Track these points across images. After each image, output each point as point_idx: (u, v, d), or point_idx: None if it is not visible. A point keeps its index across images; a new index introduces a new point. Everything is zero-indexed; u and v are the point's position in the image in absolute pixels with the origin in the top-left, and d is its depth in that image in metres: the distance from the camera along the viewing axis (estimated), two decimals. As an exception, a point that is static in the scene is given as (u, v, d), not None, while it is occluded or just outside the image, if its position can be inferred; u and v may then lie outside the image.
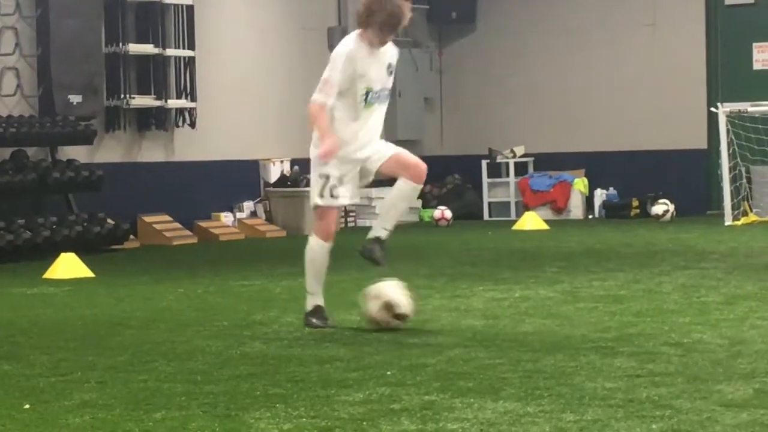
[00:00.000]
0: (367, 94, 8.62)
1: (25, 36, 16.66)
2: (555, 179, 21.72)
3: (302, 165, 19.49)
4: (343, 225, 19.79)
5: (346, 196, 8.75)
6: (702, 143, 20.78)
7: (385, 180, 9.75)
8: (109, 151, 17.55)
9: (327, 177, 8.62)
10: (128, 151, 17.91)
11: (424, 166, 8.76)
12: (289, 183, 19.32)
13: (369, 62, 8.65)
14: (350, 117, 8.67)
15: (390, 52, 8.85)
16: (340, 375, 6.83)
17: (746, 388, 6.10)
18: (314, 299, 8.79)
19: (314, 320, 8.70)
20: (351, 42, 8.74)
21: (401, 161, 8.75)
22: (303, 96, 19.81)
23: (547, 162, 22.00)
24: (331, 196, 8.64)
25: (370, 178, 8.94)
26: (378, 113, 8.79)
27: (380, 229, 8.72)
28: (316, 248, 8.69)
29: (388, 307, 8.35)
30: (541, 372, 6.73)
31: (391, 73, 8.81)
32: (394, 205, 8.84)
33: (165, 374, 7.02)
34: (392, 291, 8.45)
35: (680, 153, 19.62)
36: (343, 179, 8.64)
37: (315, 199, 8.72)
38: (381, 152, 8.75)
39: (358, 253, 8.73)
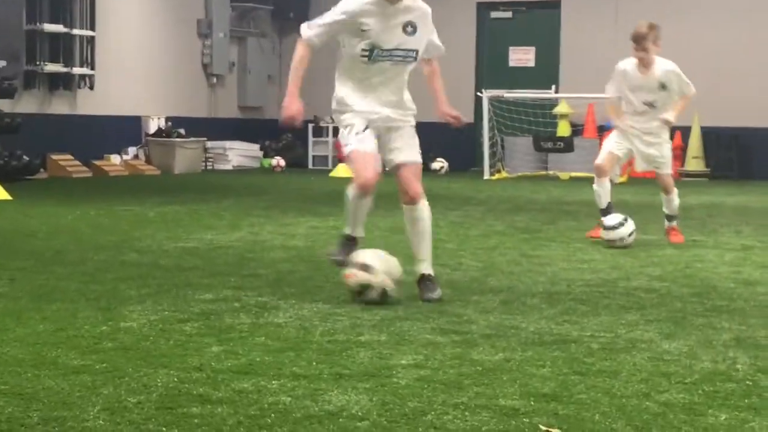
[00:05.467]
0: (371, 51, 6.23)
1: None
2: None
3: (174, 121, 19.19)
4: (203, 167, 19.53)
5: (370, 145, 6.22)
6: (470, 118, 20.94)
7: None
8: (27, 104, 16.96)
9: (351, 125, 6.32)
10: (41, 105, 17.31)
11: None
12: (163, 134, 18.81)
13: (378, 19, 6.15)
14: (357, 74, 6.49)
15: (413, 8, 6.23)
16: (196, 280, 6.68)
17: (494, 299, 6.15)
18: (348, 230, 6.39)
19: (332, 250, 6.54)
20: None
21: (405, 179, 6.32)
22: (176, 69, 19.63)
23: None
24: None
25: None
26: (391, 74, 6.38)
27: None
28: (350, 196, 6.21)
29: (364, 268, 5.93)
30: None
31: (410, 32, 6.24)
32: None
33: (61, 275, 6.78)
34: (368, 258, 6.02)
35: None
36: (365, 130, 6.28)
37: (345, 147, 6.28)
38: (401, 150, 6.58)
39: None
